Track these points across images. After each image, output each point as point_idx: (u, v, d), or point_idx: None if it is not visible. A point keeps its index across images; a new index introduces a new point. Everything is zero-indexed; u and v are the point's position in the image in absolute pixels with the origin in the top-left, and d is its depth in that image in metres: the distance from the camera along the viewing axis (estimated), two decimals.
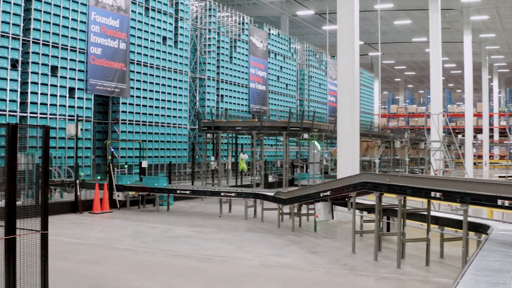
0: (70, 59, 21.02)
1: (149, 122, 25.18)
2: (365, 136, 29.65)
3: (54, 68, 20.49)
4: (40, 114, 19.80)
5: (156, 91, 25.60)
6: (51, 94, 20.32)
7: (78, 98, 21.34)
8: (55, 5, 20.34)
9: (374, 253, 10.67)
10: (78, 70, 21.37)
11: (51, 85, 20.32)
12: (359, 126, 17.12)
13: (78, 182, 17.69)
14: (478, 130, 53.00)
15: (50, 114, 20.19)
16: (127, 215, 17.36)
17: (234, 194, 17.27)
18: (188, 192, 18.55)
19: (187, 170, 27.69)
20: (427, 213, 10.29)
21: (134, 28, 24.20)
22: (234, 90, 32.50)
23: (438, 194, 8.91)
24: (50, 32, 20.14)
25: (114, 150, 21.98)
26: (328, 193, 12.51)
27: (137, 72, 24.41)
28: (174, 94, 26.80)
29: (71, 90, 21.16)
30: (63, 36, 20.70)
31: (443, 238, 10.60)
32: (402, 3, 39.97)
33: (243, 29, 33.47)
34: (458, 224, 9.54)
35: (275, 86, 37.67)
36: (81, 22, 21.42)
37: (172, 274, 9.76)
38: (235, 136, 28.19)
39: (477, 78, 51.69)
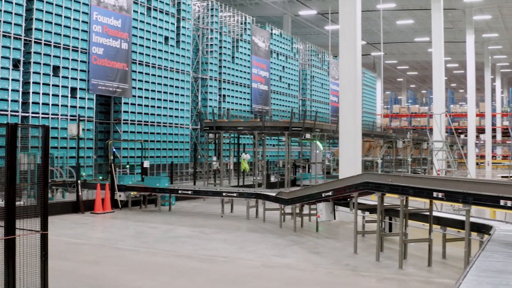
0: (72, 59, 21.03)
1: (151, 122, 25.17)
2: (367, 136, 29.62)
3: (56, 68, 20.50)
4: (42, 114, 19.80)
5: (158, 91, 25.59)
6: (53, 94, 20.33)
7: (80, 98, 21.35)
8: (57, 5, 20.35)
9: (376, 253, 10.63)
10: (80, 70, 21.37)
11: (53, 85, 20.32)
12: (362, 125, 17.09)
13: (80, 182, 17.68)
14: (480, 130, 52.91)
15: (52, 114, 20.19)
16: (129, 215, 17.33)
17: (236, 194, 17.23)
18: (189, 192, 18.53)
19: (189, 170, 27.67)
20: (429, 213, 10.25)
21: (136, 28, 24.20)
22: (236, 90, 32.47)
23: (440, 195, 8.87)
24: (52, 32, 20.15)
25: (116, 150, 21.99)
26: (330, 193, 12.47)
27: (139, 72, 24.40)
28: (176, 94, 26.79)
29: (73, 90, 21.16)
30: (65, 36, 20.71)
31: (445, 238, 10.54)
32: (404, 3, 39.89)
33: (245, 29, 33.44)
34: (461, 224, 9.49)
35: (277, 86, 37.64)
36: (83, 22, 21.43)
37: (173, 274, 9.73)
38: (237, 136, 28.17)
39: (479, 78, 51.61)
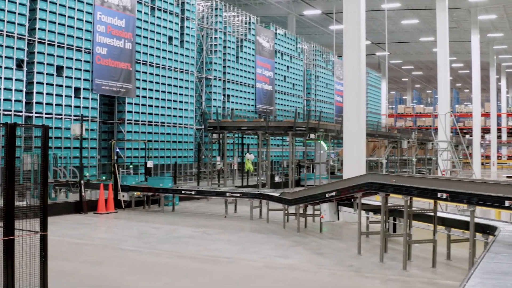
0: (76, 59, 21.01)
1: (155, 122, 25.14)
2: (372, 136, 29.51)
3: (60, 68, 20.49)
4: (45, 114, 19.79)
5: (162, 91, 25.56)
6: (57, 94, 20.31)
7: (83, 98, 21.33)
8: (61, 4, 20.34)
9: (380, 254, 10.56)
10: (84, 70, 21.36)
11: (57, 85, 20.31)
12: (366, 125, 17.01)
13: (83, 182, 17.67)
14: (486, 130, 52.70)
15: (55, 114, 20.18)
16: (132, 216, 17.30)
17: (239, 195, 17.17)
18: (193, 192, 18.47)
19: (193, 170, 27.63)
20: (434, 214, 10.17)
21: (140, 28, 24.17)
22: (240, 90, 32.42)
23: (445, 195, 8.80)
24: (55, 32, 20.14)
25: (119, 150, 21.97)
26: (333, 193, 12.41)
27: (143, 72, 24.37)
28: (180, 94, 26.75)
29: (77, 90, 21.15)
30: (69, 36, 20.70)
31: (450, 239, 10.47)
32: (409, 3, 39.78)
33: (250, 28, 33.39)
34: (465, 225, 9.41)
35: (282, 86, 37.57)
36: (86, 22, 21.41)
37: (176, 275, 9.68)
38: (241, 136, 28.12)
39: (484, 78, 51.36)
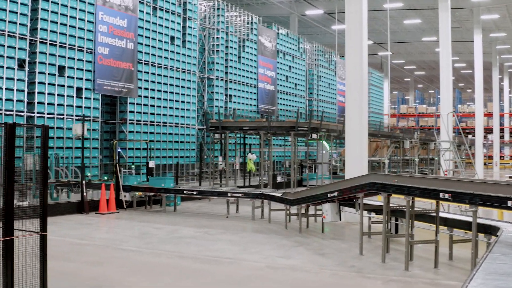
0: (78, 59, 21.00)
1: (156, 122, 25.12)
2: (374, 136, 29.49)
3: (61, 68, 20.47)
4: (47, 114, 19.78)
5: (164, 91, 25.54)
6: (58, 94, 20.30)
7: (85, 98, 21.32)
8: (62, 4, 20.32)
9: (382, 255, 10.52)
10: (86, 70, 21.34)
11: (58, 85, 20.30)
12: (368, 125, 16.97)
13: (85, 182, 17.65)
14: (488, 130, 52.63)
15: (57, 114, 20.17)
16: (134, 216, 17.28)
17: (241, 195, 17.14)
18: (195, 192, 18.44)
19: (195, 170, 27.60)
20: (436, 214, 10.14)
21: (142, 27, 24.16)
22: (242, 90, 32.38)
23: (447, 195, 8.76)
24: (57, 32, 20.13)
25: (121, 150, 21.93)
26: (335, 193, 12.37)
27: (145, 72, 24.36)
28: (182, 94, 26.73)
29: (79, 90, 21.14)
30: (71, 36, 20.69)
31: (452, 240, 10.43)
32: (411, 2, 39.71)
33: (252, 28, 33.35)
34: (468, 225, 9.38)
35: (284, 86, 37.53)
36: (88, 22, 21.40)
37: (177, 275, 9.65)
38: (243, 136, 28.08)
39: (487, 78, 51.33)
